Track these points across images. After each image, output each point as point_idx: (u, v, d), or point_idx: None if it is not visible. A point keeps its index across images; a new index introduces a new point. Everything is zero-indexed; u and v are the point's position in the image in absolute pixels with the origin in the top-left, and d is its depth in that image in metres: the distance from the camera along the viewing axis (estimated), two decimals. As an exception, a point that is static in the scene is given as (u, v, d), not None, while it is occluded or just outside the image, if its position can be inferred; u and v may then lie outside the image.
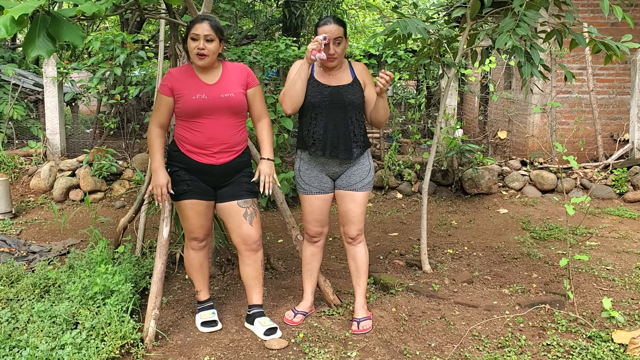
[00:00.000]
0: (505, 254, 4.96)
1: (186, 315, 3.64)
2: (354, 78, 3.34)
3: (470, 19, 4.30)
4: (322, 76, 3.34)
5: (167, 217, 3.46)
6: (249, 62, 7.42)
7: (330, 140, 3.30)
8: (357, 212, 3.41)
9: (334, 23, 3.21)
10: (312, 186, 3.43)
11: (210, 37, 3.09)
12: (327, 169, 3.40)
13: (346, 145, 3.31)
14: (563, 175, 7.33)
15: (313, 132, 3.34)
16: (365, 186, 3.40)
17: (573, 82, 4.23)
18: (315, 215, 3.48)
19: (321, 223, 3.51)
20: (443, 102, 4.62)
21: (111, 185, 7.12)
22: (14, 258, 4.65)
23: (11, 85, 8.31)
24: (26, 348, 2.88)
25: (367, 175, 3.40)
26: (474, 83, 9.98)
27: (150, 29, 14.97)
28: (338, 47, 3.21)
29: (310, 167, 3.42)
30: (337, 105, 3.28)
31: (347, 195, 3.39)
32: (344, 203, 3.41)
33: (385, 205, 6.94)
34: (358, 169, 3.38)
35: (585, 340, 3.23)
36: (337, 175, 3.41)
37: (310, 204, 3.46)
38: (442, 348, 3.18)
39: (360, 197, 3.40)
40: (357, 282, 3.51)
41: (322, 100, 3.29)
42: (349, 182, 3.38)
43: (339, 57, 3.26)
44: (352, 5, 15.17)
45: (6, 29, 2.22)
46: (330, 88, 3.30)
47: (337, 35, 3.19)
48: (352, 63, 3.41)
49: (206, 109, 3.14)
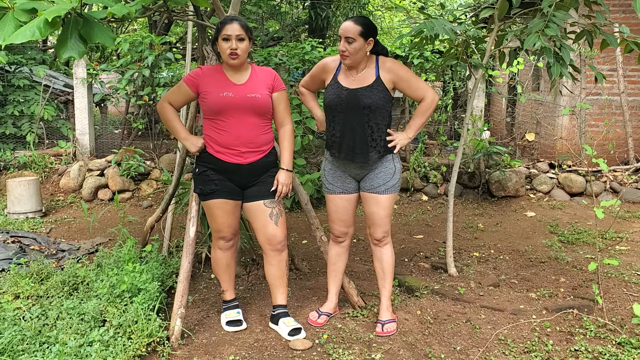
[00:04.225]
0: (533, 257, 4.89)
1: (212, 314, 3.67)
2: (377, 78, 3.26)
3: (498, 19, 4.25)
4: (344, 77, 3.32)
5: (193, 217, 3.50)
6: (275, 64, 7.45)
7: (346, 144, 3.29)
8: (382, 214, 3.38)
9: (351, 21, 3.20)
10: (336, 186, 3.43)
11: (242, 37, 3.13)
12: (348, 170, 3.39)
13: (362, 149, 3.27)
14: (592, 178, 7.21)
15: (332, 134, 3.36)
16: (389, 189, 3.35)
17: (603, 83, 4.16)
18: (340, 215, 3.47)
19: (346, 223, 3.50)
20: (470, 103, 4.57)
21: (139, 185, 7.22)
22: (44, 256, 4.74)
23: (42, 86, 8.47)
24: (55, 344, 2.93)
25: (391, 178, 3.34)
26: (502, 84, 9.88)
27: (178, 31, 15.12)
28: (349, 45, 3.18)
29: (334, 167, 3.42)
30: (353, 108, 3.26)
31: (371, 198, 3.37)
32: (369, 205, 3.40)
33: (410, 207, 6.91)
34: (381, 171, 3.33)
35: (614, 346, 3.17)
36: (360, 177, 3.40)
37: (335, 203, 3.46)
38: (468, 352, 3.15)
39: (384, 200, 3.36)
40: (383, 283, 3.50)
41: (338, 103, 3.28)
42: (372, 185, 3.35)
43: (351, 56, 3.21)
44: (378, 6, 15.13)
45: (40, 31, 2.27)
46: (348, 91, 3.26)
47: (348, 34, 3.16)
48: (381, 60, 3.31)
49: (232, 107, 3.17)
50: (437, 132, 8.00)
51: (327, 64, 3.42)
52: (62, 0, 2.44)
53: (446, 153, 8.27)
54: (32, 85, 8.70)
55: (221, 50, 3.17)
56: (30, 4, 2.40)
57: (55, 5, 2.38)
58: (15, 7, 2.40)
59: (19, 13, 2.38)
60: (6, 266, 4.41)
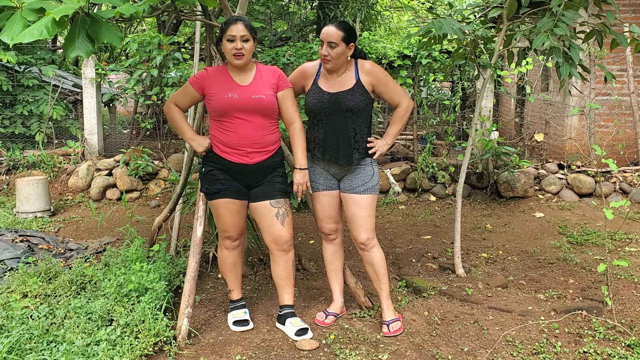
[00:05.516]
0: (541, 258, 4.86)
1: (218, 314, 3.67)
2: (357, 81, 3.31)
3: (507, 19, 4.23)
4: (324, 81, 3.36)
5: (200, 217, 3.50)
6: (283, 64, 7.45)
7: (330, 146, 3.33)
8: (362, 215, 3.37)
9: (334, 26, 3.24)
10: (319, 183, 3.45)
11: (246, 37, 3.13)
12: (328, 169, 3.42)
13: (346, 151, 3.32)
14: (601, 179, 7.17)
15: (314, 137, 3.39)
16: (369, 190, 3.36)
17: (613, 83, 4.13)
18: (326, 212, 3.49)
19: (333, 219, 3.51)
20: (478, 103, 4.55)
21: (147, 185, 7.24)
22: (52, 255, 4.75)
23: (51, 86, 8.51)
24: (63, 343, 2.94)
25: (370, 179, 3.36)
26: (510, 84, 9.84)
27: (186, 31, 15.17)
28: (332, 50, 3.21)
29: (314, 164, 3.46)
30: (336, 112, 3.30)
31: (351, 198, 3.38)
32: (349, 207, 3.40)
33: (418, 207, 6.89)
34: (360, 172, 3.36)
35: (624, 348, 3.14)
36: (340, 177, 3.42)
37: (319, 200, 3.48)
38: (475, 353, 3.13)
39: (365, 200, 3.36)
40: (379, 285, 3.48)
41: (321, 107, 3.32)
42: (351, 185, 3.37)
43: (333, 60, 3.24)
44: (386, 6, 15.10)
45: (47, 30, 2.28)
46: (330, 95, 3.30)
47: (331, 39, 3.19)
48: (360, 63, 3.36)
49: (237, 108, 3.18)
50: (445, 133, 7.98)
51: (306, 70, 3.45)
52: (69, 0, 2.44)
53: (454, 153, 8.24)
54: (41, 85, 8.75)
55: (225, 51, 3.17)
56: (38, 4, 2.41)
57: (63, 4, 2.39)
58: (24, 7, 2.41)
59: (27, 12, 2.39)
60: (15, 265, 4.43)
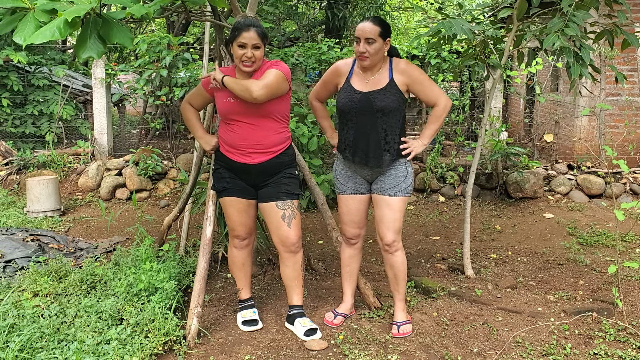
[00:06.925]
0: (551, 259, 4.84)
1: (228, 313, 3.68)
2: (390, 80, 3.24)
3: (517, 19, 4.21)
4: (357, 80, 3.30)
5: (210, 217, 3.51)
6: (292, 64, 7.46)
7: (360, 147, 3.27)
8: (392, 217, 3.32)
9: (369, 22, 3.19)
10: (347, 186, 3.42)
11: (258, 45, 3.11)
12: (360, 172, 3.38)
13: (376, 153, 3.26)
14: (612, 180, 7.12)
15: (345, 138, 3.34)
16: (401, 192, 3.31)
17: (624, 84, 4.11)
18: (352, 216, 3.46)
19: (358, 225, 3.49)
20: (488, 104, 4.54)
21: (156, 185, 7.26)
22: (63, 254, 4.78)
23: (61, 86, 8.56)
24: (73, 342, 2.96)
25: (402, 181, 3.31)
26: (520, 85, 9.80)
27: (196, 32, 15.21)
28: (370, 46, 3.16)
29: (346, 167, 3.42)
30: (366, 112, 3.24)
31: (382, 200, 3.33)
32: (379, 208, 3.36)
33: (427, 208, 6.87)
34: (392, 173, 3.30)
35: (635, 350, 3.12)
36: (372, 179, 3.38)
37: (346, 204, 3.45)
38: (485, 354, 3.12)
39: (395, 202, 3.31)
40: (396, 288, 3.47)
41: (351, 107, 3.26)
42: (383, 187, 3.32)
43: (371, 57, 3.19)
44: (395, 6, 15.08)
45: (60, 31, 2.29)
46: (361, 94, 3.25)
47: (369, 35, 3.14)
48: (395, 62, 3.29)
49: (236, 112, 3.20)
50: (455, 133, 7.96)
51: (340, 68, 3.40)
52: (81, 1, 2.46)
53: (463, 154, 8.21)
54: (51, 85, 8.81)
55: (236, 56, 3.15)
56: (50, 5, 2.42)
57: (75, 5, 2.41)
58: (36, 8, 2.43)
59: (39, 14, 2.41)
60: (25, 264, 4.46)
